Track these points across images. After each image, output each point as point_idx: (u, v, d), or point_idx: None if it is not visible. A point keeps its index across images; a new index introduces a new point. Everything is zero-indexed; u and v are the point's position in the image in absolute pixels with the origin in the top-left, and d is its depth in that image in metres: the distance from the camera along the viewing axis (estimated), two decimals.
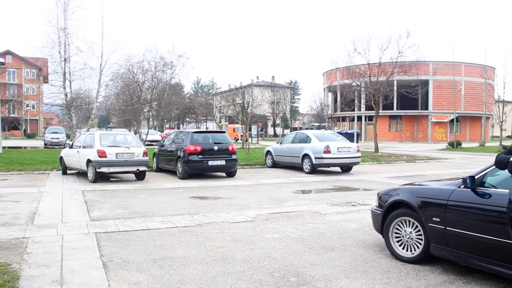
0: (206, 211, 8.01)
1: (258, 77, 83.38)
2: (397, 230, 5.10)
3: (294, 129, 69.48)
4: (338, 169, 16.05)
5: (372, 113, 35.51)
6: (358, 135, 42.69)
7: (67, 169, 14.13)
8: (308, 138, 15.42)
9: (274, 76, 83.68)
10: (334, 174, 15.17)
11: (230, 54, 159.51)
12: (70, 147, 13.97)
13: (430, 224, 4.62)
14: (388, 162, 20.36)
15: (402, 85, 40.90)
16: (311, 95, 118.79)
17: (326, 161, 14.57)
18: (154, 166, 15.35)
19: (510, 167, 3.48)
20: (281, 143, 17.15)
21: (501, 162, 3.60)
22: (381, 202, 5.41)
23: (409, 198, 4.95)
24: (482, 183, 4.30)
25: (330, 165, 15.06)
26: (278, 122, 77.58)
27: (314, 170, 14.81)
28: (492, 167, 4.20)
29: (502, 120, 34.43)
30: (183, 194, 10.23)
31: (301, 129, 62.42)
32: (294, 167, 16.10)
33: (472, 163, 20.05)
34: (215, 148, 13.47)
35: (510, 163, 3.46)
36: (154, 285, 4.18)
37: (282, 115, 75.29)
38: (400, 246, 5.06)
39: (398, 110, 52.04)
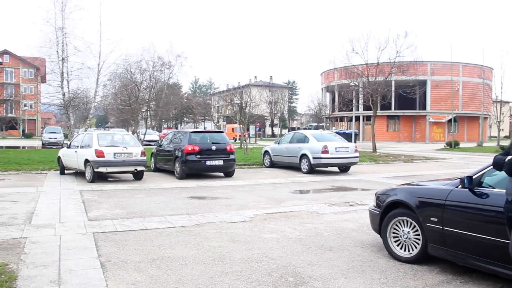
0: (204, 211, 8.00)
1: (256, 77, 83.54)
2: (395, 230, 5.10)
3: (292, 129, 69.41)
4: (336, 169, 16.06)
5: (370, 113, 35.53)
6: (356, 135, 42.66)
7: (65, 169, 14.11)
8: (306, 138, 15.43)
9: (272, 76, 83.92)
10: (332, 174, 15.17)
11: (228, 54, 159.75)
12: (68, 147, 13.93)
13: (428, 224, 4.63)
14: (386, 162, 20.39)
15: (400, 85, 40.96)
16: (309, 95, 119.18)
17: (324, 161, 14.58)
18: (152, 166, 15.33)
19: (506, 168, 3.49)
20: (279, 143, 17.15)
21: (497, 163, 3.62)
22: (379, 202, 5.41)
23: (407, 198, 4.96)
24: (480, 183, 4.31)
25: (328, 165, 15.08)
26: (276, 122, 77.63)
27: (312, 170, 14.82)
28: (489, 167, 4.20)
29: (499, 120, 34.49)
30: (181, 194, 10.22)
31: (299, 129, 62.40)
32: (292, 167, 16.10)
33: (470, 163, 20.10)
34: (213, 148, 13.46)
35: (506, 164, 3.48)
36: (152, 285, 4.18)
37: (280, 115, 75.29)
38: (398, 246, 5.06)
39: (396, 110, 52.18)
